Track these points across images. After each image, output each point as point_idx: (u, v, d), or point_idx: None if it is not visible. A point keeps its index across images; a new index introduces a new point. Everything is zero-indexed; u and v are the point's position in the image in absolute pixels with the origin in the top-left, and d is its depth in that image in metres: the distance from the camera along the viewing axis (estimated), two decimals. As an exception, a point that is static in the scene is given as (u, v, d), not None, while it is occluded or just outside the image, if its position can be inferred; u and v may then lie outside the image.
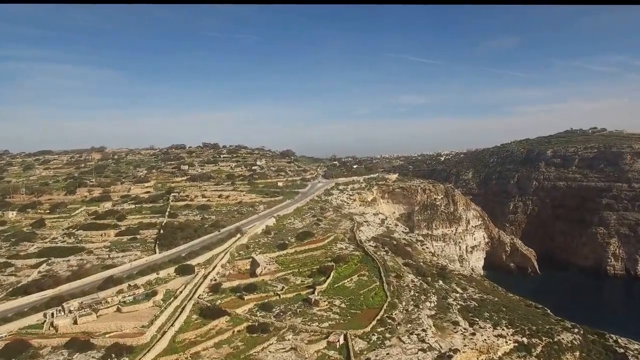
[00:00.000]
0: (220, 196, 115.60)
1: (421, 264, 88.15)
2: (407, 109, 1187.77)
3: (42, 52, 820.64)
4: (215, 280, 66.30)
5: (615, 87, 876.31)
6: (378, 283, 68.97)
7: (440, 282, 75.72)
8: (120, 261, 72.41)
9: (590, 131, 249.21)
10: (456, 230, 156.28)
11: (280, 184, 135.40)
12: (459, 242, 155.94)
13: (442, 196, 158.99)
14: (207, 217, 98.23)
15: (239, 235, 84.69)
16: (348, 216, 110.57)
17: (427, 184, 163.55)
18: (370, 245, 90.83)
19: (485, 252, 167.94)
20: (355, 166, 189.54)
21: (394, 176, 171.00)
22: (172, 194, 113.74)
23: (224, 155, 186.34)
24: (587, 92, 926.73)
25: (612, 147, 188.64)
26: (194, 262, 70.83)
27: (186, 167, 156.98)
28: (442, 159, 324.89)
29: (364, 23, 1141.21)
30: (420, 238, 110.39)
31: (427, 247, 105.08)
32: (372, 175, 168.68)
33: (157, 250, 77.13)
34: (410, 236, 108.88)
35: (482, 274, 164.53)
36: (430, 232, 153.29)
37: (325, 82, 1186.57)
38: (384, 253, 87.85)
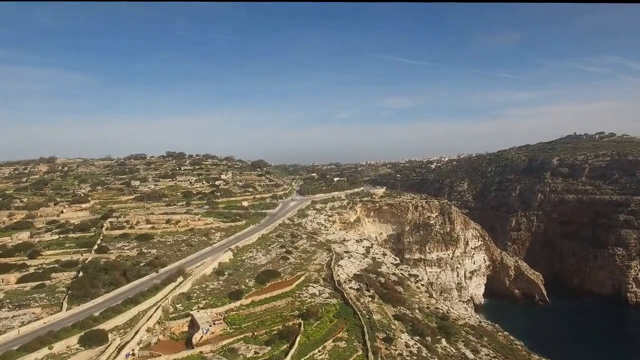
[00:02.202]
0: (168, 221, 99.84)
1: (416, 312, 74.08)
2: (392, 112, 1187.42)
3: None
4: (134, 354, 50.80)
5: (609, 89, 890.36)
6: (361, 352, 54.54)
7: (444, 343, 61.79)
8: (6, 325, 56.08)
9: (597, 136, 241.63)
10: (453, 253, 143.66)
11: (245, 203, 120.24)
12: (457, 267, 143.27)
13: (436, 214, 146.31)
14: (146, 251, 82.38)
15: (180, 280, 69.35)
16: (325, 245, 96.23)
17: (420, 200, 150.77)
18: (351, 288, 76.59)
19: (485, 277, 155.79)
20: (336, 179, 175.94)
21: (380, 191, 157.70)
22: (110, 219, 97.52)
23: (185, 168, 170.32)
24: (581, 94, 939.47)
25: (627, 155, 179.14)
26: (109, 324, 55.30)
27: (137, 182, 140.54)
28: (433, 166, 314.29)
29: (345, 22, 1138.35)
30: (414, 272, 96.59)
31: (422, 284, 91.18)
32: (355, 190, 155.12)
33: (65, 304, 60.97)
34: (401, 270, 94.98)
35: (482, 302, 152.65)
36: (423, 257, 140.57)
37: (305, 85, 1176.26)
38: (369, 299, 73.58)
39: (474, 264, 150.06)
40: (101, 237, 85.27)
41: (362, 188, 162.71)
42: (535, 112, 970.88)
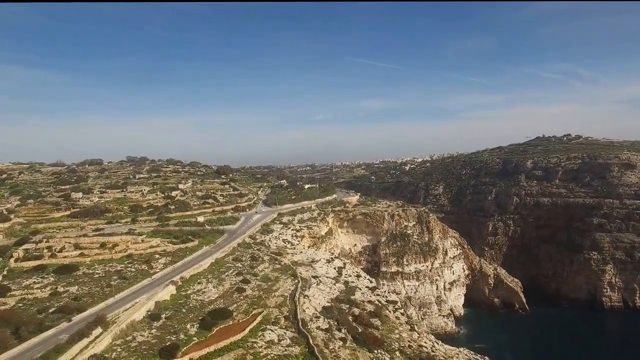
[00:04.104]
0: (103, 245, 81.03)
1: (397, 357, 58.86)
2: (367, 113, 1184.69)
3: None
4: None
5: (564, 93, 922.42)
6: None
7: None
8: None
9: (565, 138, 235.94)
10: (432, 264, 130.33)
11: (201, 218, 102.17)
12: (436, 280, 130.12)
13: (414, 223, 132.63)
14: (62, 290, 63.72)
15: (97, 332, 51.55)
16: (290, 269, 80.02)
17: (396, 208, 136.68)
18: (319, 328, 60.81)
19: (465, 286, 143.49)
20: (307, 186, 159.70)
21: (354, 198, 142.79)
22: (26, 245, 77.74)
23: (141, 176, 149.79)
24: (538, 99, 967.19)
25: (597, 158, 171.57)
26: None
27: (79, 194, 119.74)
28: (407, 168, 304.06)
29: (322, 25, 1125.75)
30: (393, 297, 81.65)
31: (401, 313, 76.47)
32: (327, 198, 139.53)
33: None
34: (377, 295, 79.96)
35: (462, 313, 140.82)
36: (400, 269, 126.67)
37: (281, 87, 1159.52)
38: (341, 344, 57.94)
39: (453, 274, 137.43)
40: (4, 273, 65.83)
41: (334, 195, 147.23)
42: (498, 114, 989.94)
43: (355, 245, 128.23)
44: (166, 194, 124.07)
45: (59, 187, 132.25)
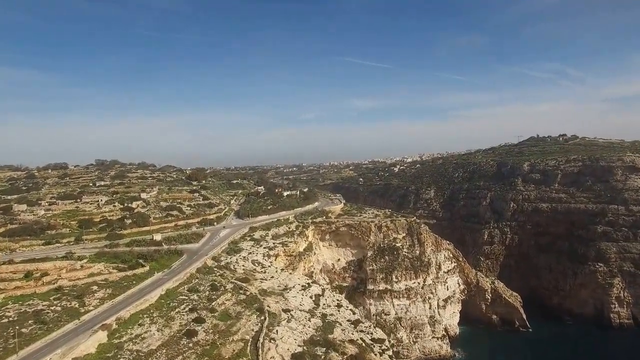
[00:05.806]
0: (29, 275, 66.92)
1: None
2: (357, 113, 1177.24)
3: None
4: None
5: (553, 92, 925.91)
6: None
7: None
8: None
9: (561, 139, 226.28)
10: (424, 281, 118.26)
11: (158, 237, 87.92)
12: (429, 298, 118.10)
13: (403, 235, 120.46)
14: (-47, 343, 49.34)
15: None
16: (257, 301, 66.78)
17: (384, 218, 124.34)
18: (284, 390, 47.49)
19: (460, 302, 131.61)
20: (286, 193, 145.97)
21: (338, 207, 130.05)
22: None
23: (102, 183, 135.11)
24: (529, 98, 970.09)
25: (599, 161, 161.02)
26: None
27: (23, 206, 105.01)
28: (396, 169, 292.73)
29: (311, 24, 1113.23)
30: (380, 334, 68.70)
31: (389, 355, 63.67)
32: (308, 208, 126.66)
33: None
34: (361, 331, 67.36)
35: (457, 332, 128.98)
36: (389, 287, 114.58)
37: (270, 86, 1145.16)
38: (310, 414, 44.72)
39: (448, 290, 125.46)
40: None
41: (316, 204, 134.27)
42: (489, 113, 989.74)
43: (339, 260, 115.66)
44: (125, 204, 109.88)
45: (3, 197, 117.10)
